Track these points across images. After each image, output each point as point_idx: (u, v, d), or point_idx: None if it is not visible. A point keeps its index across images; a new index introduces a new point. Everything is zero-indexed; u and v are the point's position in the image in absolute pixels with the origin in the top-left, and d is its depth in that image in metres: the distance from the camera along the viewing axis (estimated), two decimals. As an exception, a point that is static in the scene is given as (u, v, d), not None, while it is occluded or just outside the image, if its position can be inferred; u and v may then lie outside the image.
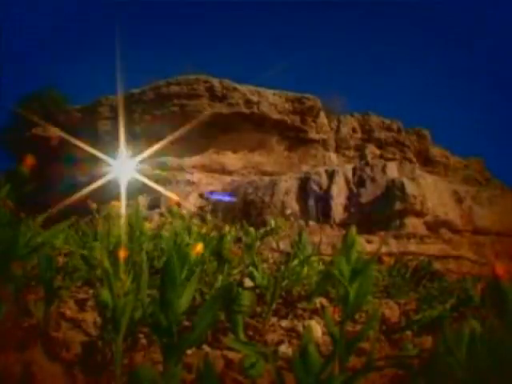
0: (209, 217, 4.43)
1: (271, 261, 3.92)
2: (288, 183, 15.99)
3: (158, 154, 19.47)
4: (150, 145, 19.45)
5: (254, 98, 21.02)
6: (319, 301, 2.81)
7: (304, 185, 15.88)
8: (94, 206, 3.72)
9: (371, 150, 23.43)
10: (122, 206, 3.49)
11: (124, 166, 18.35)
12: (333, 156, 22.64)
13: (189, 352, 1.84)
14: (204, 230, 3.80)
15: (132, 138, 20.00)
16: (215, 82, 21.08)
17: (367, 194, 15.20)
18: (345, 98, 42.50)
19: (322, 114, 22.83)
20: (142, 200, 16.06)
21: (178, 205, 15.09)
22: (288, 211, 14.61)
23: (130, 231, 3.20)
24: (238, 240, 3.87)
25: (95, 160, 20.16)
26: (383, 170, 15.93)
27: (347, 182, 15.74)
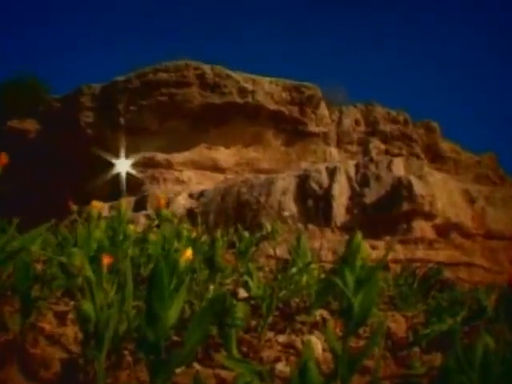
0: (199, 219, 4.43)
1: (267, 269, 3.92)
2: (285, 182, 15.96)
3: (143, 148, 19.47)
4: (135, 138, 19.46)
5: (249, 87, 20.98)
6: (320, 313, 2.81)
7: (303, 183, 15.84)
8: (74, 207, 3.70)
9: (375, 144, 23.43)
10: (104, 207, 3.48)
11: (123, 162, 18.26)
12: (334, 151, 22.66)
13: (178, 370, 1.83)
14: (194, 234, 3.80)
15: (116, 130, 19.96)
16: (206, 68, 21.02)
17: (371, 194, 15.18)
18: (347, 87, 42.61)
19: (323, 105, 22.82)
20: (127, 200, 16.01)
21: (166, 206, 15.03)
22: (285, 213, 14.61)
23: (113, 235, 3.20)
24: (232, 245, 3.87)
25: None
26: (389, 166, 15.94)
27: (349, 180, 15.72)
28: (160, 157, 20.19)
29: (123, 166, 19.40)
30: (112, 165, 19.45)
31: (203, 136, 20.55)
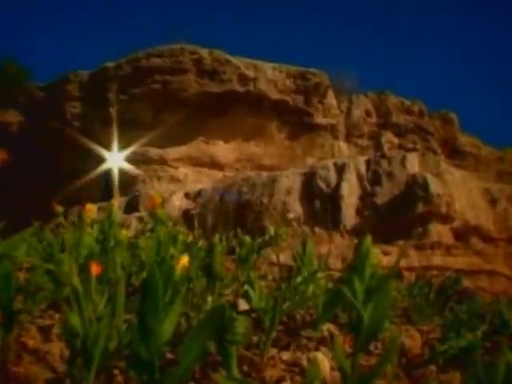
0: (196, 222, 4.44)
1: (270, 277, 3.92)
2: (290, 180, 15.95)
3: (135, 142, 19.42)
4: (126, 131, 19.41)
5: (250, 73, 20.96)
6: (327, 328, 2.81)
7: (309, 182, 15.83)
8: (60, 209, 3.70)
9: (388, 137, 23.43)
10: (94, 210, 3.49)
11: (116, 156, 18.19)
12: (343, 145, 22.66)
13: (173, 391, 1.84)
14: (190, 239, 3.80)
15: (105, 122, 19.93)
16: (204, 53, 21.02)
17: (383, 194, 15.18)
18: (357, 74, 42.43)
19: (331, 94, 22.80)
20: (118, 201, 15.99)
21: (161, 207, 14.88)
22: (290, 215, 14.58)
23: (104, 240, 3.20)
24: (231, 251, 3.87)
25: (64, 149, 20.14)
26: (402, 163, 15.94)
27: (360, 178, 15.71)
28: (153, 152, 20.17)
29: (115, 160, 19.32)
30: (102, 160, 19.41)
31: (200, 129, 20.52)
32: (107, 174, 19.23)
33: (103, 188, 18.98)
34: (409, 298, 3.75)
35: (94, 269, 1.95)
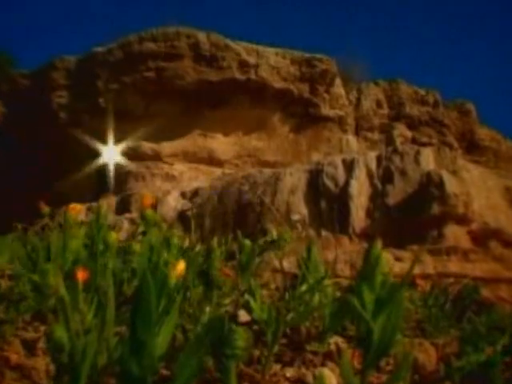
0: (193, 224, 4.44)
1: (273, 286, 3.93)
2: (294, 178, 15.91)
3: (126, 136, 19.39)
4: (116, 124, 19.39)
5: (251, 60, 20.91)
6: (334, 341, 2.81)
7: (315, 180, 15.79)
8: (46, 209, 3.69)
9: (401, 131, 23.43)
10: (82, 209, 3.47)
11: (111, 150, 18.06)
12: (352, 139, 22.67)
13: (167, 411, 1.84)
14: (186, 243, 3.80)
15: (94, 113, 19.90)
16: (201, 36, 20.96)
17: (395, 193, 15.13)
18: (367, 61, 42.30)
19: (338, 82, 22.79)
20: (108, 201, 15.94)
21: (154, 207, 14.92)
22: (294, 217, 14.55)
23: (92, 244, 3.20)
24: (231, 256, 3.87)
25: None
26: (416, 158, 15.91)
27: (370, 175, 15.67)
28: (146, 147, 20.16)
29: (111, 154, 19.25)
30: (95, 155, 19.37)
31: (197, 121, 20.51)
32: (102, 170, 19.18)
33: (98, 185, 18.95)
34: (423, 309, 3.74)
35: (81, 275, 1.95)
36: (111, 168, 19.13)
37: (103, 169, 19.28)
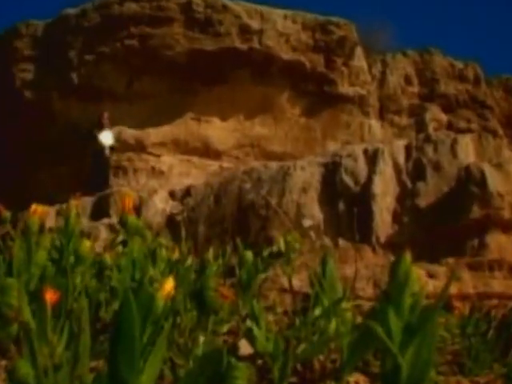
0: (183, 231, 4.44)
1: (280, 309, 3.92)
2: (306, 173, 15.80)
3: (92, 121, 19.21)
4: (91, 104, 19.32)
5: (255, 24, 20.76)
6: (354, 379, 2.82)
7: (331, 176, 15.70)
8: (6, 213, 3.68)
9: (434, 113, 23.31)
10: (49, 213, 3.47)
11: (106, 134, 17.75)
12: (375, 125, 22.55)
13: None
14: (176, 255, 3.81)
15: (65, 92, 19.84)
16: (195, -5, 20.78)
17: (428, 192, 15.02)
18: (393, 27, 42.10)
19: (359, 53, 22.61)
20: (82, 203, 15.72)
21: (137, 210, 14.77)
22: (306, 222, 14.47)
23: (61, 257, 3.19)
24: (230, 272, 3.88)
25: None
26: (452, 149, 15.85)
27: (397, 170, 15.56)
28: (127, 134, 20.00)
29: (107, 139, 19.09)
30: (73, 142, 19.19)
31: (189, 101, 20.39)
32: (96, 159, 18.94)
33: (93, 178, 18.75)
34: (461, 339, 3.73)
35: (50, 297, 1.94)
36: (108, 155, 18.88)
37: (97, 156, 19.03)
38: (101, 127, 18.15)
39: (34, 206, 3.04)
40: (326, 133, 21.43)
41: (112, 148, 18.65)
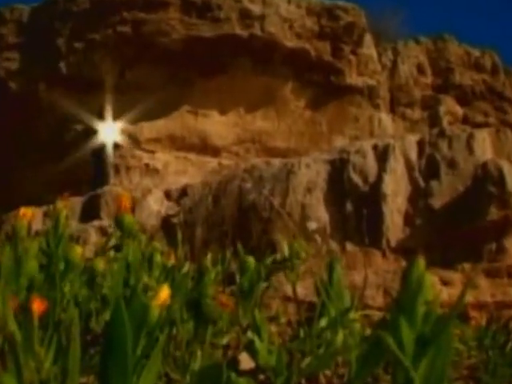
0: (180, 235, 4.43)
1: (283, 319, 3.92)
2: (312, 171, 15.76)
3: (94, 112, 19.23)
4: (82, 95, 19.30)
5: (256, 9, 20.72)
6: (363, 396, 2.83)
7: (338, 173, 15.67)
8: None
9: (449, 106, 23.32)
10: (36, 215, 3.47)
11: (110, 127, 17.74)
12: (385, 118, 22.56)
13: None
14: (172, 261, 3.81)
15: (53, 82, 19.81)
16: (192, -22, 20.73)
17: (442, 192, 14.98)
18: (405, 13, 41.99)
19: (369, 40, 22.60)
20: (71, 204, 15.66)
21: (131, 212, 14.58)
22: (312, 225, 14.44)
23: (50, 263, 3.18)
24: (230, 279, 3.88)
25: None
26: (468, 144, 15.82)
27: (409, 167, 15.54)
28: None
29: (110, 132, 19.04)
30: (62, 136, 19.15)
31: (185, 93, 20.38)
32: (98, 155, 18.91)
33: (94, 176, 18.73)
34: (478, 351, 3.73)
35: (38, 307, 1.93)
36: (110, 151, 18.88)
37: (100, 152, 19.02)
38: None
39: (23, 210, 3.01)
40: (332, 127, 21.42)
41: (116, 144, 18.72)
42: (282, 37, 20.77)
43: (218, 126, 20.69)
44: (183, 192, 16.85)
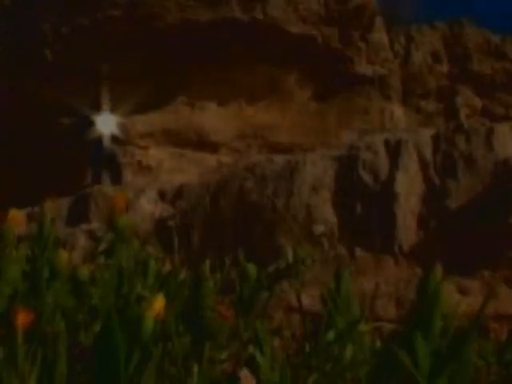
0: (176, 239, 4.47)
1: (288, 332, 3.93)
2: (318, 168, 15.65)
3: (82, 104, 19.21)
4: (70, 86, 19.28)
5: (258, -8, 20.67)
6: (375, 416, 2.83)
7: (347, 171, 15.59)
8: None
9: (467, 97, 23.34)
10: (21, 218, 3.47)
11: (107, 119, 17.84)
12: (398, 110, 22.54)
13: None
14: (167, 268, 3.82)
15: (37, 69, 19.80)
16: (188, -44, 20.68)
17: (459, 192, 14.85)
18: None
19: (380, 25, 22.53)
20: (57, 206, 15.63)
21: (123, 213, 14.52)
22: (318, 228, 14.35)
23: (34, 271, 3.18)
24: (229, 288, 3.89)
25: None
26: (488, 140, 15.78)
27: (424, 165, 15.46)
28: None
29: (107, 124, 19.05)
30: (50, 128, 19.16)
31: (181, 84, 20.35)
32: (96, 148, 18.91)
33: (93, 173, 18.73)
34: (498, 367, 3.73)
35: (22, 319, 1.93)
36: (108, 144, 18.89)
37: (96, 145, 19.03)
38: None
39: (12, 212, 2.99)
40: (340, 120, 21.38)
41: (114, 137, 18.73)
42: (285, 21, 20.61)
43: (216, 119, 20.64)
44: (179, 192, 16.79)
